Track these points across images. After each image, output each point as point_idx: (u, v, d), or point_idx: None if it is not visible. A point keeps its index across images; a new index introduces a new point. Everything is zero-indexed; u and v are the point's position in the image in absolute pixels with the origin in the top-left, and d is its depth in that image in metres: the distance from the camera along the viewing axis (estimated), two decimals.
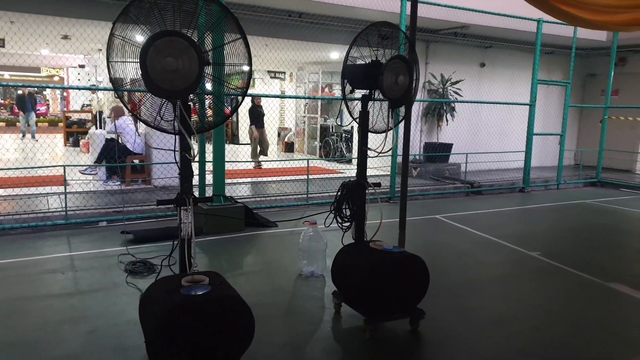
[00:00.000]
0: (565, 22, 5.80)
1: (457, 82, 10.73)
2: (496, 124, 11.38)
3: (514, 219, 7.44)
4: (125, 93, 3.53)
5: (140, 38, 2.60)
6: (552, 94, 12.06)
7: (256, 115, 11.31)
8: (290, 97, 13.73)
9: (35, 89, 20.01)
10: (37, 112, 23.98)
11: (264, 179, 8.81)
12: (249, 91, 3.05)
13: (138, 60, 2.55)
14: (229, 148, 12.02)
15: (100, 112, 11.06)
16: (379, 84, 3.37)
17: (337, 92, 14.13)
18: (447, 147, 10.59)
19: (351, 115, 3.66)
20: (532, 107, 9.36)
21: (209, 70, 2.74)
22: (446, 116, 10.81)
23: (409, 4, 5.77)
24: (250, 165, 10.74)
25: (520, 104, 9.76)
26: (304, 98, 14.39)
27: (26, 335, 3.19)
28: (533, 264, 5.00)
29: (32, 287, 4.00)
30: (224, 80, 2.94)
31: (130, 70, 2.59)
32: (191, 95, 2.76)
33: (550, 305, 3.97)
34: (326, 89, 14.71)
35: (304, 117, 14.58)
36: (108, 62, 2.54)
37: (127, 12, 2.53)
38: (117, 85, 2.69)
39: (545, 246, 5.62)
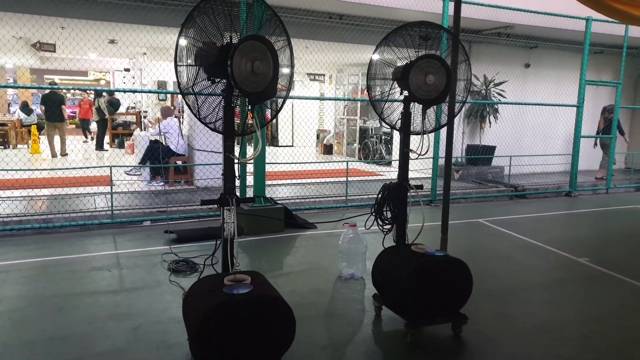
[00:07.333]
0: (616, 20, 5.56)
1: (500, 84, 10.47)
2: (541, 126, 11.04)
3: (560, 224, 7.18)
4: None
5: (183, 42, 2.64)
6: (601, 95, 11.58)
7: None
8: (328, 99, 13.74)
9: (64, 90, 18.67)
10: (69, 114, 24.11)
11: (303, 180, 8.84)
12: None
13: (196, 65, 2.60)
14: (268, 150, 12.12)
15: (145, 115, 11.38)
16: (406, 85, 3.30)
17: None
18: (490, 150, 10.35)
19: (380, 117, 3.61)
20: (579, 109, 9.00)
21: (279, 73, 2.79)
22: (489, 118, 10.56)
23: (451, 4, 5.70)
24: (290, 167, 10.59)
25: (567, 106, 9.41)
26: (342, 100, 14.37)
27: (75, 329, 3.30)
28: (581, 270, 4.81)
29: (80, 284, 4.14)
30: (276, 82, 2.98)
31: (191, 74, 2.65)
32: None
33: (600, 312, 3.80)
34: (366, 91, 14.64)
35: (343, 119, 14.56)
36: (176, 66, 2.60)
37: (192, 16, 2.58)
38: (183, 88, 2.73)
39: (594, 252, 5.39)
